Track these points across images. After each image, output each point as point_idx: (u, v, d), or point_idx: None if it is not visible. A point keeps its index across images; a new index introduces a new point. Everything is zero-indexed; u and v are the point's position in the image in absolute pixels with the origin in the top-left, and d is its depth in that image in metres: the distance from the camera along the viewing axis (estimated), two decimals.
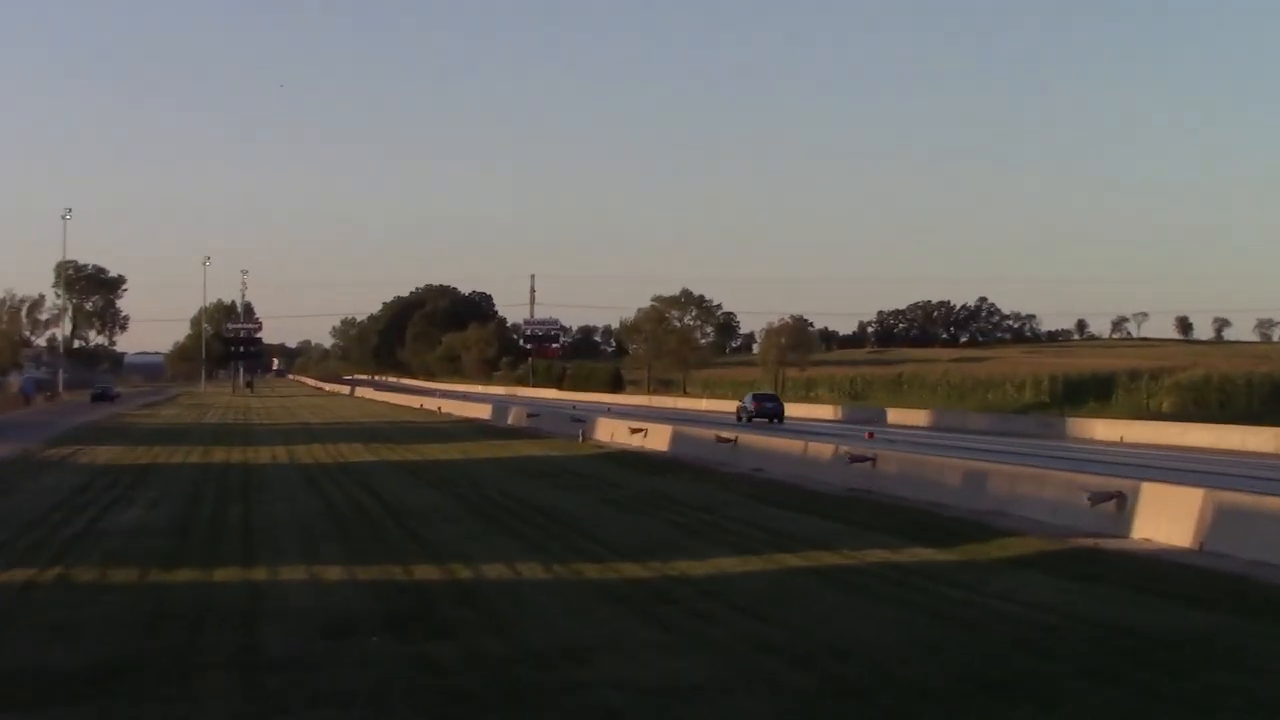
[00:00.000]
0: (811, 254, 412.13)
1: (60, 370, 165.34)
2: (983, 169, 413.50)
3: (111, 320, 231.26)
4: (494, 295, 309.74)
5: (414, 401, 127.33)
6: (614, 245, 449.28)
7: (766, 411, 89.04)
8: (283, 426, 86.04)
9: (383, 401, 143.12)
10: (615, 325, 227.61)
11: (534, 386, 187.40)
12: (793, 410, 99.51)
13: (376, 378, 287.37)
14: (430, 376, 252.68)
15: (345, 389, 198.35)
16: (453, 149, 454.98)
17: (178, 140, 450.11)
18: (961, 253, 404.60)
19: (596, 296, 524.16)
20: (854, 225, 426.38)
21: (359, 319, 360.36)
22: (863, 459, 41.32)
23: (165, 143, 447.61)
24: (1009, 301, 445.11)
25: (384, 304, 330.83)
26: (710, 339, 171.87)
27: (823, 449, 44.67)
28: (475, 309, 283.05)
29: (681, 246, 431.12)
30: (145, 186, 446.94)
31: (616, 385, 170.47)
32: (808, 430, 72.71)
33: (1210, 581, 23.92)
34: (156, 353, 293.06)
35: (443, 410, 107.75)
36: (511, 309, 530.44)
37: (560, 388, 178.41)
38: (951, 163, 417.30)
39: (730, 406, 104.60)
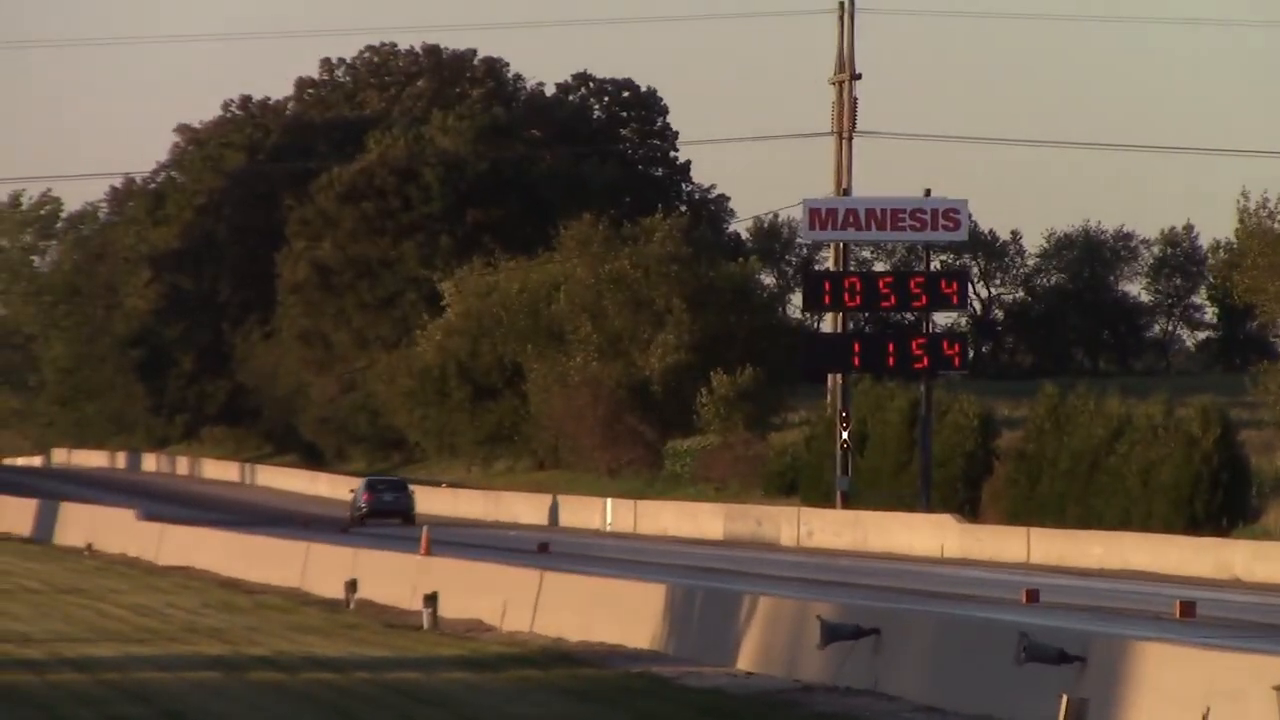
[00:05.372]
0: None
1: None
2: None
3: None
4: (667, 100, 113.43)
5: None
6: None
7: (385, 507, 59.47)
8: None
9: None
10: (1212, 238, 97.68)
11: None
12: None
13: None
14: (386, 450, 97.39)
15: None
16: None
17: None
18: None
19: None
20: None
21: (72, 211, 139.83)
22: None
23: None
24: None
25: (175, 146, 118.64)
26: None
27: None
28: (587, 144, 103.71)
29: None
30: None
31: None
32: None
33: None
34: None
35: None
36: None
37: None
38: None
39: None
